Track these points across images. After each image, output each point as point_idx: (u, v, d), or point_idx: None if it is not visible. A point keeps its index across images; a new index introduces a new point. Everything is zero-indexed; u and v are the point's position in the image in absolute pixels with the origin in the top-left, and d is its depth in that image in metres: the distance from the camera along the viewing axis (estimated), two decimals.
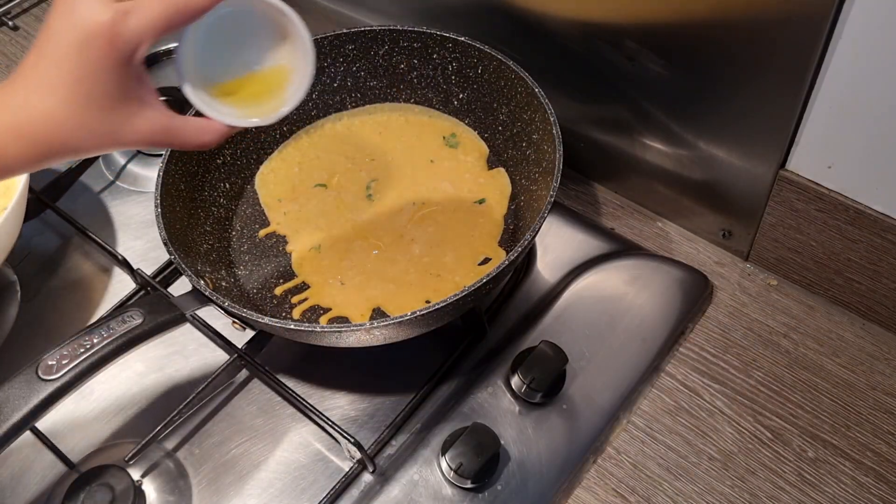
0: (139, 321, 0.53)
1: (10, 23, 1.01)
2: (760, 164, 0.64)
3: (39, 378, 0.49)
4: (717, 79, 0.61)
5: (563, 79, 0.73)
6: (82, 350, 0.51)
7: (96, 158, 0.82)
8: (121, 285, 0.74)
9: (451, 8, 0.76)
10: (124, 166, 0.83)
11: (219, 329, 0.67)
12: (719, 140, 0.66)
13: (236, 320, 0.58)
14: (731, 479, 0.61)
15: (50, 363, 0.50)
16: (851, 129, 0.57)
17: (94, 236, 0.73)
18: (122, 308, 0.54)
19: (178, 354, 0.68)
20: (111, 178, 0.83)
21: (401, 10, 0.82)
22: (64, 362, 0.50)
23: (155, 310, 0.55)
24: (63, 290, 0.74)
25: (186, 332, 0.68)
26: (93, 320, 0.70)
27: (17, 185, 0.66)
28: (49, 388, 0.49)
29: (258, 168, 0.75)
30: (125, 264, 0.72)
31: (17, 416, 0.48)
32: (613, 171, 0.78)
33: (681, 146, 0.69)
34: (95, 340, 0.51)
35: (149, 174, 0.81)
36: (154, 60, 0.94)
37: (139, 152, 0.84)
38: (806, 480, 0.60)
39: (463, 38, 0.71)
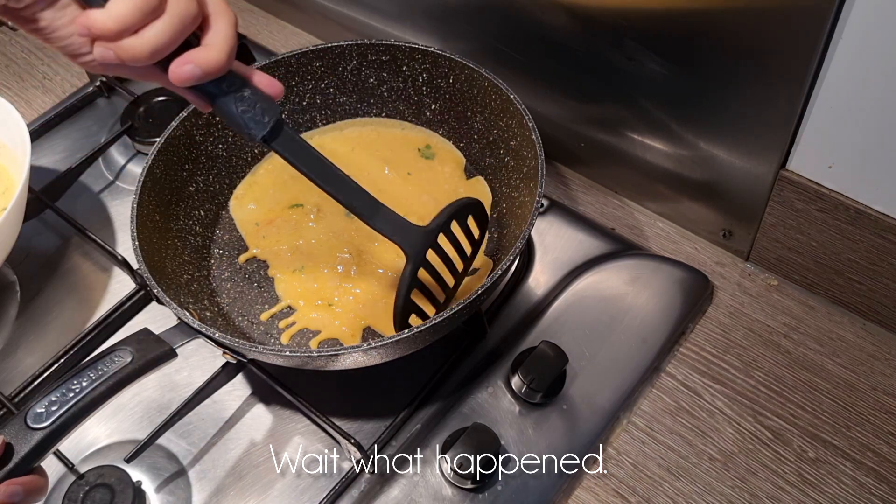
0: (128, 360, 0.52)
1: (10, 23, 1.01)
2: (761, 164, 0.64)
3: (29, 427, 0.47)
4: (718, 78, 0.61)
5: (563, 79, 0.73)
6: (72, 395, 0.49)
7: (96, 158, 0.82)
8: (120, 285, 0.74)
9: (451, 8, 0.76)
10: (124, 166, 0.83)
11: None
12: (720, 140, 0.66)
13: (227, 351, 0.58)
14: (731, 480, 0.61)
15: (39, 411, 0.48)
16: (851, 129, 0.57)
17: (93, 236, 0.73)
18: (110, 348, 0.52)
19: (179, 354, 0.68)
20: (111, 178, 0.83)
21: (400, 9, 0.82)
22: (53, 409, 0.48)
23: (143, 347, 0.53)
24: (63, 290, 0.74)
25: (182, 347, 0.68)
26: (93, 320, 0.70)
27: (17, 185, 0.66)
28: (39, 437, 0.47)
29: (231, 193, 0.74)
30: (125, 264, 0.72)
31: (5, 470, 0.46)
32: (614, 171, 0.78)
33: (681, 146, 0.69)
34: (84, 384, 0.50)
35: None
36: None
37: (139, 152, 0.84)
38: (806, 481, 0.60)
39: (432, 49, 0.70)
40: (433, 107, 0.75)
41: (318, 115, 0.77)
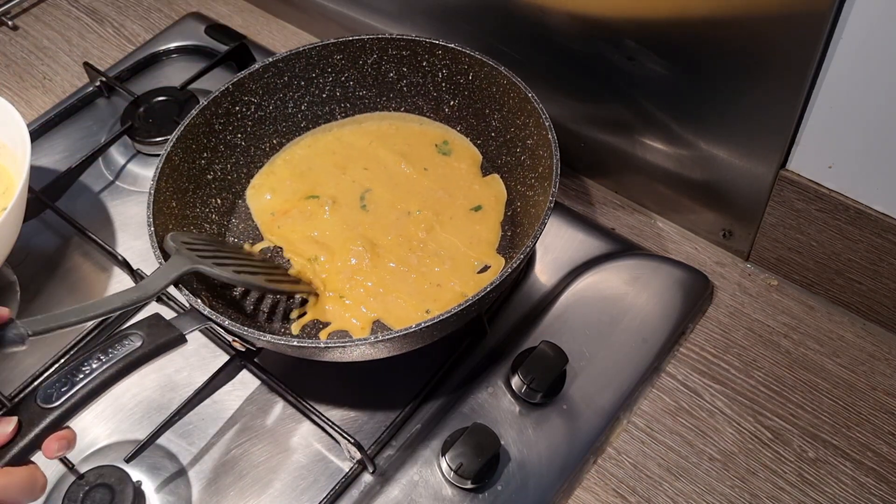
0: (138, 344, 0.52)
1: (10, 23, 1.01)
2: (761, 164, 0.64)
3: (39, 406, 0.47)
4: (718, 78, 0.61)
5: (563, 79, 0.73)
6: (81, 376, 0.49)
7: (96, 158, 0.82)
8: (120, 285, 0.74)
9: (451, 8, 0.76)
10: (124, 166, 0.83)
11: (219, 330, 0.67)
12: (720, 140, 0.66)
13: (237, 339, 0.58)
14: (731, 480, 0.61)
15: (49, 391, 0.48)
16: (851, 129, 0.57)
17: (93, 236, 0.73)
18: (120, 331, 0.52)
19: (179, 354, 0.67)
20: (111, 178, 0.83)
21: (400, 9, 0.82)
22: (63, 389, 0.48)
23: (154, 332, 0.53)
24: (63, 290, 0.74)
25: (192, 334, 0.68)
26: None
27: (17, 185, 0.66)
28: (49, 417, 0.47)
29: (249, 182, 0.74)
30: (125, 264, 0.72)
31: (17, 448, 0.46)
32: (614, 171, 0.78)
33: (681, 146, 0.69)
34: (95, 365, 0.50)
35: (148, 174, 0.81)
36: (154, 60, 0.94)
37: (139, 152, 0.84)
38: (806, 481, 0.60)
39: (453, 45, 0.70)
40: (452, 103, 0.75)
41: (338, 108, 0.77)
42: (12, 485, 0.45)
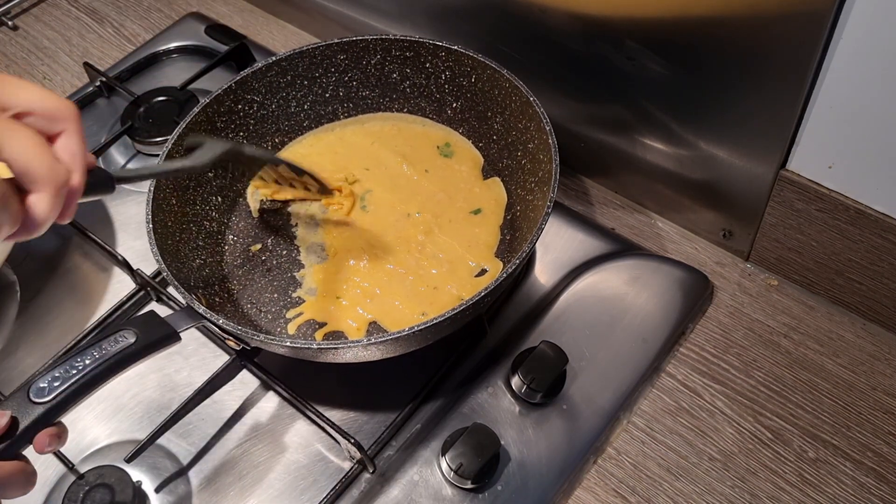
0: (132, 341, 0.52)
1: (10, 23, 1.01)
2: (761, 164, 0.64)
3: (31, 401, 0.48)
4: (718, 78, 0.61)
5: (563, 79, 0.73)
6: (74, 371, 0.49)
7: (96, 158, 0.82)
8: (120, 285, 0.74)
9: (451, 8, 0.76)
10: (124, 166, 0.83)
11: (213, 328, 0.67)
12: (720, 140, 0.66)
13: (231, 338, 0.58)
14: (731, 480, 0.61)
15: (41, 385, 0.48)
16: (851, 129, 0.57)
17: (93, 236, 0.73)
18: (113, 328, 0.53)
19: (178, 354, 0.68)
20: None
21: (400, 9, 0.82)
22: (56, 384, 0.49)
23: (147, 329, 0.53)
24: (63, 290, 0.74)
25: (186, 332, 0.68)
26: (93, 320, 0.70)
27: None
28: (40, 411, 0.48)
29: (250, 181, 0.74)
30: (125, 264, 0.72)
31: (7, 441, 0.46)
32: (614, 171, 0.78)
33: (681, 146, 0.69)
34: (87, 361, 0.50)
35: None
36: (154, 60, 0.94)
37: (139, 152, 0.84)
38: (806, 481, 0.60)
39: (456, 47, 0.70)
40: (454, 105, 0.75)
41: (341, 108, 0.77)
42: (2, 479, 0.45)
